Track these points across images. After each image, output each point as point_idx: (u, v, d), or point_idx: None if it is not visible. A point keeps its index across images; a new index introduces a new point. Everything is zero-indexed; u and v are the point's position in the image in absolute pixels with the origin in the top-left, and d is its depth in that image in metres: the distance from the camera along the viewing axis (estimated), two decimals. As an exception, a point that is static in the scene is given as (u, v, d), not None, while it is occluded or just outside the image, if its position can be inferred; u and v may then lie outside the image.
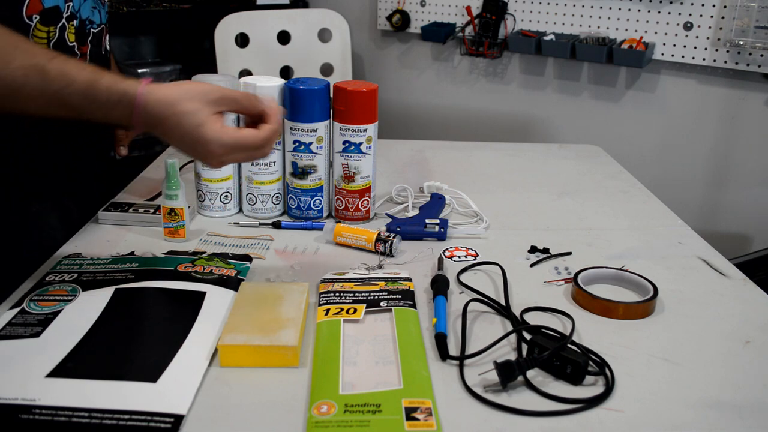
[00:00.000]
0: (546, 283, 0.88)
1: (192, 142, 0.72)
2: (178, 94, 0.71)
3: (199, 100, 0.71)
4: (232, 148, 0.73)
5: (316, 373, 0.67)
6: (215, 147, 0.72)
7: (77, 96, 0.71)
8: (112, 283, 0.81)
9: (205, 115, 0.71)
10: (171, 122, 0.71)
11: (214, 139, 0.71)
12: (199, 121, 0.71)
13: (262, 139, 0.74)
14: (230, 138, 0.72)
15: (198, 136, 0.71)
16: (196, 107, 0.71)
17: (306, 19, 2.14)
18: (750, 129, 1.92)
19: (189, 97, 0.71)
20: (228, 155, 0.73)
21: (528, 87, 2.29)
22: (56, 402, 0.61)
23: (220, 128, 0.72)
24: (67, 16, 0.91)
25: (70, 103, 0.72)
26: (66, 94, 0.71)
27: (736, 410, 0.64)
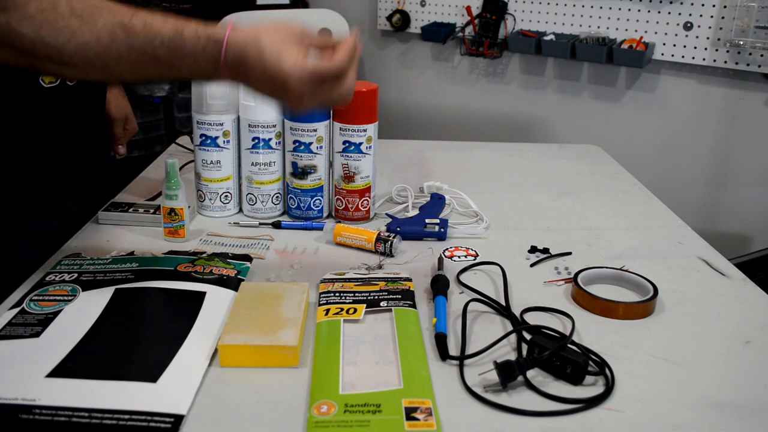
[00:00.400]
0: (546, 283, 0.88)
1: (271, 78, 0.70)
2: (260, 29, 0.71)
3: (282, 33, 0.71)
4: (311, 81, 0.70)
5: (316, 373, 0.67)
6: (293, 82, 0.70)
7: (164, 48, 0.71)
8: (112, 283, 0.81)
9: (287, 46, 0.70)
10: (253, 58, 0.70)
11: (292, 71, 0.69)
12: (279, 51, 0.69)
13: (339, 66, 0.71)
14: (308, 71, 0.70)
15: (277, 71, 0.69)
16: (278, 39, 0.70)
17: (306, 19, 2.13)
18: (750, 129, 1.92)
19: (272, 30, 0.71)
20: (308, 91, 0.71)
21: (528, 87, 2.29)
22: (56, 402, 0.61)
23: (300, 61, 0.70)
24: None
25: (158, 56, 0.71)
26: (154, 47, 0.70)
27: (736, 410, 0.64)
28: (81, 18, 0.68)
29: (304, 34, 0.72)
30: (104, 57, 0.70)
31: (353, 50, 0.72)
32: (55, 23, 0.67)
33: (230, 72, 0.72)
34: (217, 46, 0.71)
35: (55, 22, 0.67)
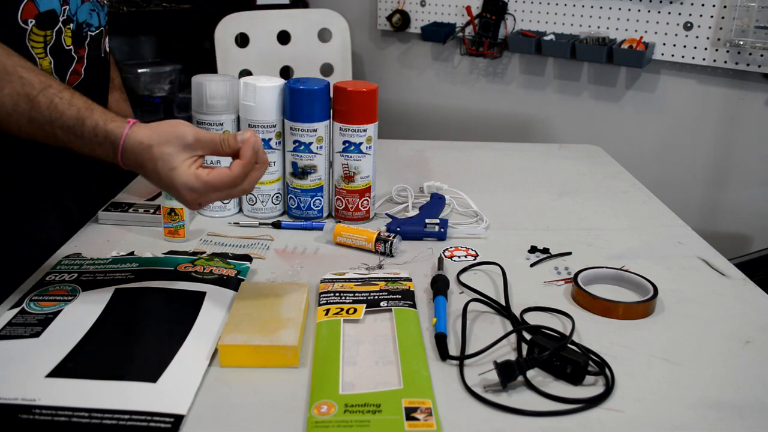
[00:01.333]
0: (546, 283, 0.88)
1: (166, 185, 0.73)
2: (155, 137, 0.72)
3: (174, 144, 0.72)
4: (202, 191, 0.72)
5: (316, 373, 0.67)
6: (185, 192, 0.72)
7: (63, 131, 0.73)
8: (112, 283, 0.81)
9: (179, 161, 0.72)
10: (148, 166, 0.73)
11: (183, 183, 0.72)
12: (172, 166, 0.72)
13: (232, 177, 0.72)
14: (199, 182, 0.72)
15: (170, 180, 0.72)
16: (169, 151, 0.72)
17: (306, 19, 2.13)
18: (750, 129, 1.92)
19: (164, 140, 0.72)
20: (202, 197, 0.73)
21: (528, 87, 2.29)
22: (56, 402, 0.61)
23: (191, 173, 0.72)
24: (64, 19, 0.90)
25: (56, 135, 0.74)
26: (53, 127, 0.73)
27: (736, 410, 0.64)
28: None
29: (198, 141, 0.73)
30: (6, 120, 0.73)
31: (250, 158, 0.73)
32: None
33: (128, 168, 0.75)
34: (113, 147, 0.73)
35: None
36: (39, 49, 0.87)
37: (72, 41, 0.93)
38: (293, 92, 0.98)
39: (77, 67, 0.95)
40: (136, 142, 0.72)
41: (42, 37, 0.87)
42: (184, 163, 0.72)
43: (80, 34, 0.95)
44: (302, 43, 2.11)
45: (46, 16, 0.87)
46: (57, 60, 0.91)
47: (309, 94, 0.98)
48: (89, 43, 0.97)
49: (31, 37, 0.86)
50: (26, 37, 0.85)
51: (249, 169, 0.73)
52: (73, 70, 0.95)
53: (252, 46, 2.04)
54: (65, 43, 0.91)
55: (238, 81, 1.00)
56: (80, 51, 0.96)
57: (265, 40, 2.06)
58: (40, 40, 0.87)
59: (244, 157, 0.73)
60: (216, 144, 0.73)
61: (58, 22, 0.89)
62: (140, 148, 0.72)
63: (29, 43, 0.86)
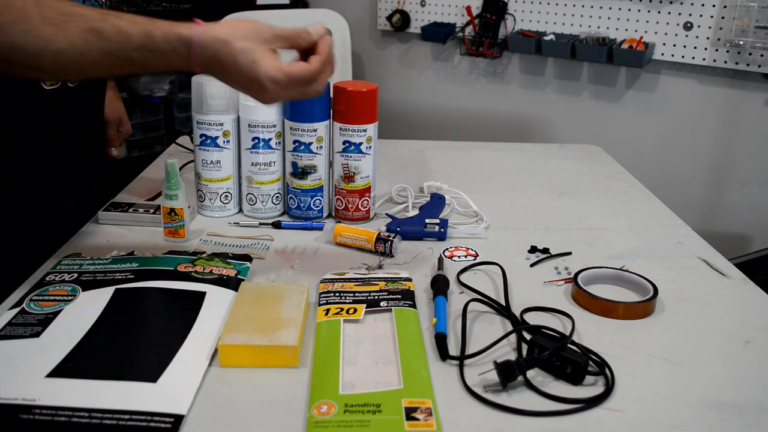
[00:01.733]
0: (546, 283, 0.88)
1: (247, 80, 0.74)
2: (232, 32, 0.73)
3: (253, 38, 0.73)
4: (284, 84, 0.74)
5: (316, 373, 0.67)
6: (268, 84, 0.73)
7: (137, 51, 0.72)
8: (112, 283, 0.81)
9: (259, 54, 0.73)
10: (227, 61, 0.73)
11: (266, 75, 0.73)
12: (253, 59, 0.72)
13: (312, 71, 0.74)
14: (283, 74, 0.73)
15: (253, 73, 0.73)
16: (249, 45, 0.73)
17: (306, 19, 2.13)
18: (750, 129, 1.92)
19: (242, 35, 0.73)
20: (282, 92, 0.75)
21: (528, 87, 2.29)
22: (56, 402, 0.61)
23: (273, 65, 0.73)
24: None
25: (131, 58, 0.73)
26: (126, 51, 0.72)
27: (736, 410, 0.64)
28: (54, 26, 0.70)
29: (275, 36, 0.75)
30: (79, 62, 0.72)
31: (328, 54, 0.76)
32: (28, 33, 0.68)
33: (203, 69, 0.75)
34: (187, 48, 0.73)
35: (27, 32, 0.68)
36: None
37: None
38: (293, 92, 0.98)
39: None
40: (212, 37, 0.73)
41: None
42: (265, 55, 0.73)
43: None
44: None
45: None
46: None
47: (309, 94, 0.98)
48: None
49: None
50: None
51: (326, 65, 0.76)
52: None
53: (252, 46, 2.04)
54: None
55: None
56: None
57: (265, 40, 2.06)
58: None
59: (322, 53, 0.76)
60: (292, 38, 0.76)
61: None
62: (217, 43, 0.73)
63: None
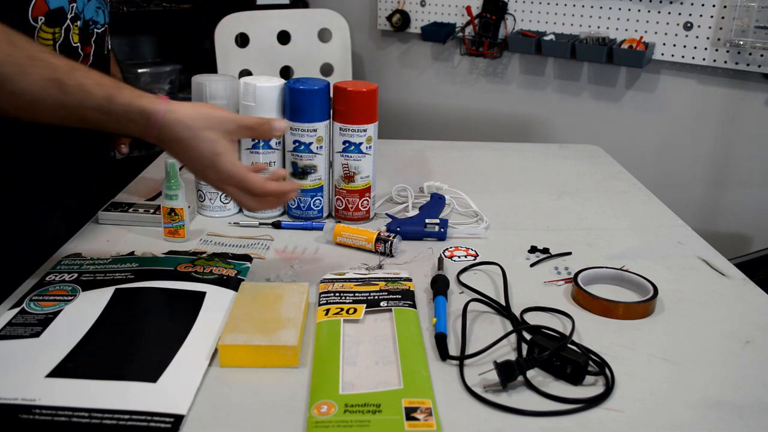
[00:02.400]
0: (546, 283, 0.88)
1: (205, 167, 0.76)
2: (197, 118, 0.75)
3: (218, 129, 0.75)
4: (238, 184, 0.76)
5: (316, 373, 0.67)
6: (225, 177, 0.76)
7: (95, 111, 0.73)
8: (112, 283, 0.81)
9: (223, 146, 0.75)
10: (188, 145, 0.75)
11: (227, 171, 0.75)
12: (218, 151, 0.75)
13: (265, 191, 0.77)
14: (239, 175, 0.76)
15: (214, 164, 0.75)
16: (215, 137, 0.75)
17: (306, 19, 2.14)
18: (750, 129, 1.92)
19: (208, 125, 0.75)
20: (230, 187, 0.77)
21: (528, 87, 2.29)
22: (56, 402, 0.61)
23: (235, 162, 0.76)
24: (71, 17, 0.91)
25: (87, 117, 0.73)
26: (84, 109, 0.73)
27: (736, 410, 0.64)
28: (18, 66, 0.70)
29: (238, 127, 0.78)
30: (34, 108, 0.73)
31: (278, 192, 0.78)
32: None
33: (158, 142, 0.76)
34: (146, 122, 0.74)
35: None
36: (48, 46, 0.87)
37: (79, 38, 0.93)
38: (293, 92, 0.98)
39: (83, 64, 0.95)
40: (175, 119, 0.74)
41: (51, 35, 0.87)
42: (228, 151, 0.76)
43: (87, 32, 0.95)
44: (302, 43, 2.11)
45: (56, 13, 0.87)
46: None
47: (309, 94, 0.98)
48: (95, 41, 0.97)
49: (40, 34, 0.86)
50: (35, 34, 0.85)
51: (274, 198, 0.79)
52: None
53: (252, 46, 2.04)
54: (72, 41, 0.92)
55: (238, 81, 1.00)
56: (86, 48, 0.96)
57: (265, 40, 2.06)
58: (49, 38, 0.87)
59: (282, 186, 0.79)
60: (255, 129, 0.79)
61: (66, 20, 0.89)
62: (181, 126, 0.74)
63: (38, 41, 0.86)
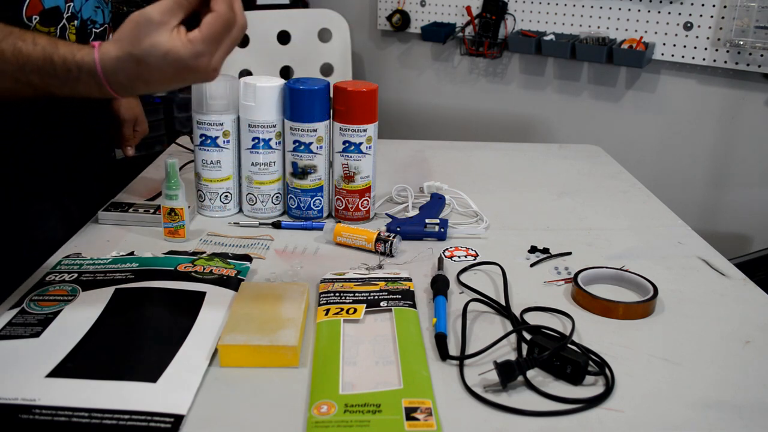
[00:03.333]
0: (546, 283, 0.88)
1: (173, 72, 0.68)
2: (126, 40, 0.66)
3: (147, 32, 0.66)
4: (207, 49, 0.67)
5: (316, 373, 0.67)
6: (196, 61, 0.67)
7: (37, 74, 0.69)
8: (112, 283, 0.81)
9: (165, 41, 0.66)
10: (142, 71, 0.67)
11: (188, 55, 0.66)
12: (164, 50, 0.66)
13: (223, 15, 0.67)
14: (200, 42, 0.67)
15: (174, 64, 0.66)
16: (150, 41, 0.66)
17: (306, 19, 2.14)
18: (750, 129, 1.92)
19: (136, 36, 0.66)
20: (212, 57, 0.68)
21: (528, 87, 2.29)
22: (56, 402, 0.61)
23: (186, 41, 0.66)
24: (68, 16, 0.90)
25: (32, 83, 0.69)
26: (26, 74, 0.69)
27: (736, 410, 0.64)
28: None
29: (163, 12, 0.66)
30: None
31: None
32: None
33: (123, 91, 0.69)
34: (94, 78, 0.68)
35: None
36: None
37: (76, 38, 0.93)
38: (293, 92, 0.98)
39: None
40: (113, 59, 0.67)
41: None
42: (171, 40, 0.66)
43: (85, 31, 0.95)
44: (302, 43, 2.11)
45: (51, 12, 0.87)
46: None
47: (309, 94, 0.98)
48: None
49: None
50: None
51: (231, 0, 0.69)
52: None
53: (252, 46, 2.05)
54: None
55: (238, 81, 1.00)
56: None
57: (265, 40, 2.06)
58: None
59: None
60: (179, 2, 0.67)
61: (62, 19, 0.89)
62: (120, 62, 0.67)
63: None
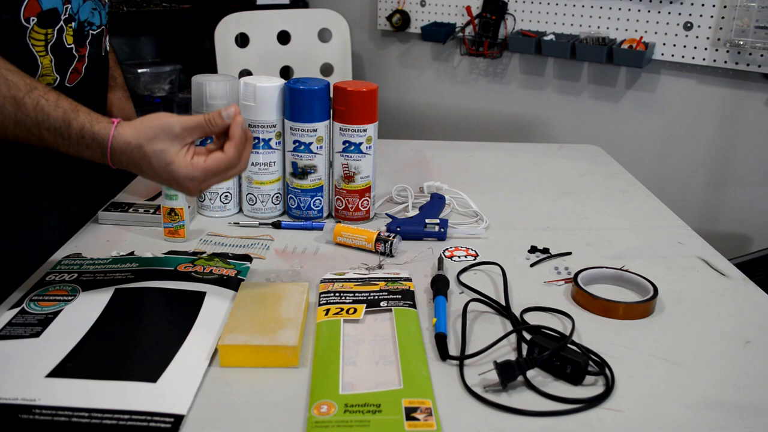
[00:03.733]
0: (546, 283, 0.88)
1: (165, 179, 0.74)
2: (142, 134, 0.72)
3: (163, 138, 0.72)
4: (203, 178, 0.74)
5: (316, 373, 0.67)
6: (187, 182, 0.73)
7: (50, 132, 0.73)
8: (112, 283, 0.81)
9: (173, 153, 0.72)
10: (142, 164, 0.73)
11: (183, 175, 0.73)
12: (168, 160, 0.72)
13: (228, 160, 0.74)
14: (199, 171, 0.73)
15: (169, 174, 0.73)
16: (161, 147, 0.72)
17: (306, 19, 2.14)
18: (750, 129, 1.92)
19: (152, 137, 0.72)
20: (202, 185, 0.75)
21: (528, 87, 2.29)
22: (56, 402, 0.61)
23: (188, 164, 0.73)
24: (65, 18, 0.90)
25: (44, 137, 0.74)
26: (40, 129, 0.73)
27: (736, 410, 0.64)
28: None
29: (185, 129, 0.73)
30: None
31: (241, 136, 0.75)
32: None
33: (119, 166, 0.75)
34: (102, 149, 0.73)
35: None
36: (40, 47, 0.87)
37: (74, 40, 0.93)
38: (293, 92, 0.98)
39: (78, 66, 0.95)
40: (124, 143, 0.73)
41: (43, 36, 0.87)
42: (178, 156, 0.73)
43: (82, 33, 0.95)
44: (302, 43, 2.11)
45: (48, 14, 0.87)
46: (58, 58, 0.91)
47: (309, 94, 0.98)
48: (90, 42, 0.97)
49: (31, 35, 0.86)
50: (27, 35, 0.85)
51: (242, 148, 0.75)
52: (74, 68, 0.95)
53: (252, 46, 2.05)
54: (66, 42, 0.91)
55: (238, 81, 1.00)
56: (81, 50, 0.96)
57: (265, 40, 2.06)
58: (41, 39, 0.87)
59: (235, 138, 0.74)
60: (203, 127, 0.74)
61: (59, 21, 0.89)
62: (129, 148, 0.72)
63: (30, 41, 0.86)
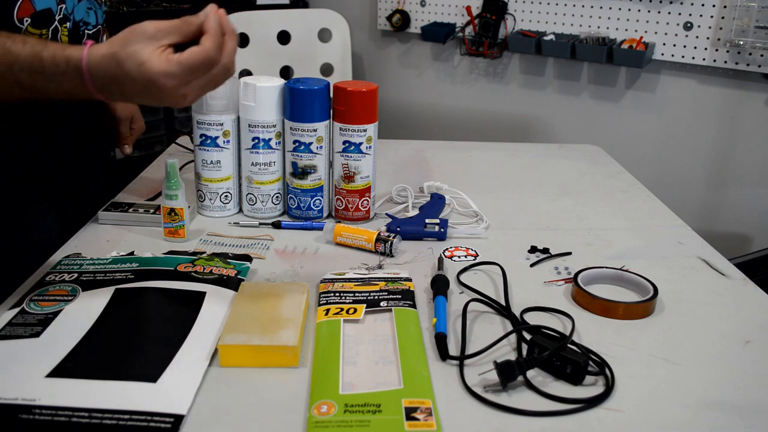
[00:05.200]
0: (546, 283, 0.88)
1: (142, 86, 0.68)
2: (117, 42, 0.68)
3: (137, 41, 0.67)
4: (182, 75, 0.68)
5: (316, 373, 0.67)
6: (165, 80, 0.68)
7: (25, 73, 0.70)
8: (112, 283, 0.81)
9: (146, 54, 0.67)
10: (118, 74, 0.68)
11: (158, 72, 0.67)
12: (141, 60, 0.67)
13: (206, 52, 0.68)
14: (174, 65, 0.67)
15: (144, 76, 0.67)
16: (134, 48, 0.67)
17: (306, 19, 2.14)
18: (750, 129, 1.92)
19: (126, 40, 0.68)
20: (184, 86, 0.69)
21: (528, 87, 2.29)
22: (56, 402, 0.61)
23: (164, 58, 0.67)
24: (60, 18, 0.90)
25: (19, 80, 0.71)
26: (14, 72, 0.70)
27: (736, 410, 0.64)
28: None
29: (159, 30, 0.69)
30: None
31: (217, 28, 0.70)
32: None
33: (103, 92, 0.71)
34: (78, 72, 0.69)
35: None
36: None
37: (69, 40, 0.93)
38: (293, 92, 0.98)
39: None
40: (98, 56, 0.68)
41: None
42: (153, 54, 0.67)
43: (77, 33, 0.95)
44: (302, 43, 2.11)
45: (42, 15, 0.87)
46: None
47: (309, 94, 0.98)
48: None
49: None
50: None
51: (219, 40, 0.70)
52: None
53: (252, 46, 2.05)
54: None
55: (238, 81, 1.00)
56: None
57: (265, 40, 2.06)
58: None
59: (210, 29, 0.69)
60: (179, 27, 0.70)
61: (54, 21, 0.89)
62: (105, 60, 0.68)
63: None
